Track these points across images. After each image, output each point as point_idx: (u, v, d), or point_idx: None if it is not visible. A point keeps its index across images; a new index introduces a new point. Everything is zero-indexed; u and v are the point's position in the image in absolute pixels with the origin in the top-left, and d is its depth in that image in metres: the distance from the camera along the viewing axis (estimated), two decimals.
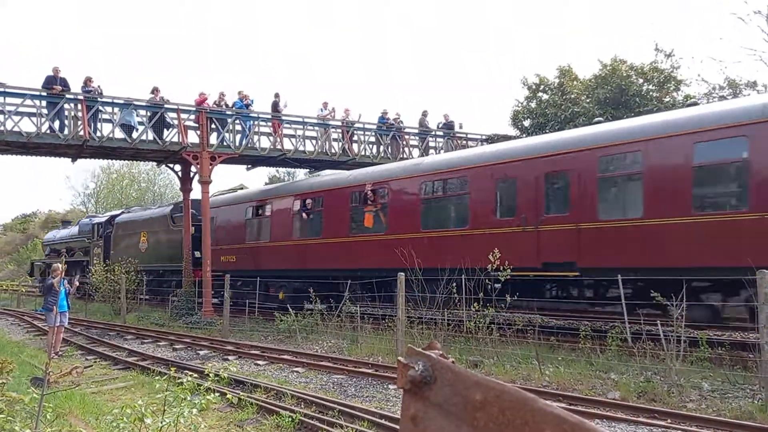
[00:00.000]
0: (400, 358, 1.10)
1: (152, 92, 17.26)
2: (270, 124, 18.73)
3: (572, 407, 7.09)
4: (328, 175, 18.31)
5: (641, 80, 23.90)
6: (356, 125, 20.03)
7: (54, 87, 15.40)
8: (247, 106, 18.35)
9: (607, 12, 75.92)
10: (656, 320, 9.16)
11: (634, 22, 64.04)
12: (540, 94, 26.71)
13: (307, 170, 27.40)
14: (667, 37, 63.82)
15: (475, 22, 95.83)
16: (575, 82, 25.70)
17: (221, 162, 17.63)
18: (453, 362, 1.06)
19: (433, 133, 21.92)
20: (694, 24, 52.25)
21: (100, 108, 16.18)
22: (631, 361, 8.75)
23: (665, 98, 23.30)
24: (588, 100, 24.14)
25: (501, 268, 9.80)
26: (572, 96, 24.78)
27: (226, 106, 18.16)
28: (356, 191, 15.47)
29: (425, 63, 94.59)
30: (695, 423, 6.37)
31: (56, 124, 15.46)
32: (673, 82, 24.03)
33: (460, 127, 22.62)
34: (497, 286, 10.59)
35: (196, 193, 19.74)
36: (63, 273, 10.94)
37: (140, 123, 16.60)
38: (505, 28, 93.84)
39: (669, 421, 6.45)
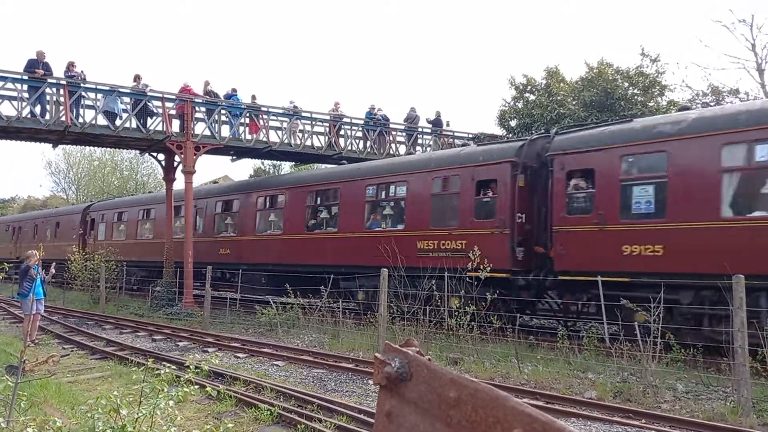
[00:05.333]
0: (377, 354, 1.10)
1: (134, 80, 17.02)
2: (253, 117, 18.59)
3: (549, 406, 7.17)
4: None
5: (627, 84, 24.15)
6: (343, 120, 19.98)
7: (36, 71, 15.11)
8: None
9: (598, 14, 76.52)
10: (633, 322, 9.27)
11: (623, 25, 64.64)
12: (527, 94, 26.87)
13: (293, 164, 27.29)
14: (654, 42, 64.53)
15: (470, 20, 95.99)
16: (562, 84, 25.90)
17: (206, 152, 17.45)
18: (429, 359, 1.07)
19: (420, 130, 21.95)
20: (680, 30, 52.91)
21: (83, 94, 15.92)
22: (608, 362, 8.86)
23: (650, 102, 23.59)
24: (574, 102, 24.35)
25: None
26: (559, 97, 24.97)
27: (214, 94, 17.99)
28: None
29: (419, 61, 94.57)
30: (669, 423, 6.48)
31: (37, 109, 15.18)
32: (657, 87, 24.33)
33: (447, 125, 22.69)
34: None
35: (179, 183, 19.59)
36: (39, 259, 10.74)
37: (124, 110, 16.37)
38: (501, 26, 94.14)
39: (643, 421, 6.55)
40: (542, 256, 11.74)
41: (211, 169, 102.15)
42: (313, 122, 19.52)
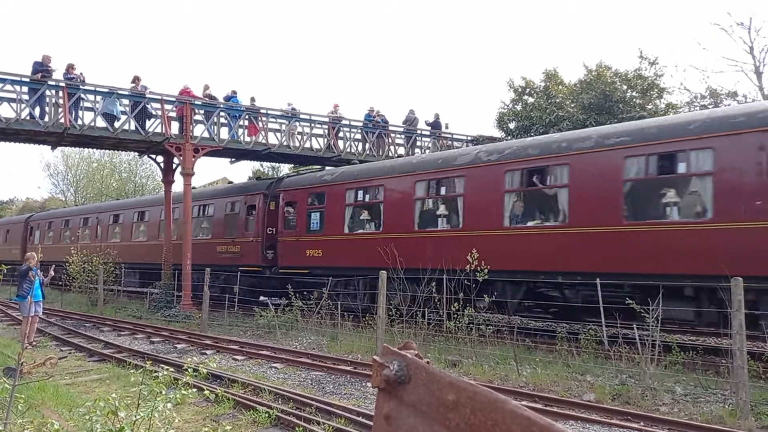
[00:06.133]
0: (375, 357, 1.10)
1: (133, 81, 17.01)
2: (252, 119, 18.60)
3: (547, 408, 7.16)
4: None
5: (625, 87, 24.18)
6: (342, 122, 20.00)
7: (35, 74, 15.11)
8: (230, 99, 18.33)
9: (596, 17, 76.72)
10: (632, 324, 9.29)
11: (621, 27, 64.78)
12: (526, 97, 26.90)
13: (291, 165, 27.29)
14: (652, 45, 64.69)
15: (469, 22, 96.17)
16: (560, 87, 25.92)
17: (204, 154, 17.45)
18: (428, 362, 1.07)
19: (419, 132, 21.97)
20: (678, 33, 53.08)
21: (82, 96, 15.91)
22: (606, 364, 8.86)
23: (648, 105, 23.62)
24: (573, 105, 24.37)
25: None
26: (557, 100, 24.99)
27: (212, 97, 18.01)
28: None
29: (418, 63, 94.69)
30: (667, 426, 6.47)
31: (37, 111, 15.16)
32: (656, 90, 24.36)
33: (446, 128, 22.70)
34: None
35: (177, 185, 19.59)
36: (38, 262, 10.71)
37: (123, 113, 16.36)
38: (500, 29, 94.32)
39: (642, 423, 6.54)
40: None
41: (210, 172, 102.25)
42: (312, 124, 19.54)
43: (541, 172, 11.54)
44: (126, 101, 16.45)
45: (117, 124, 16.09)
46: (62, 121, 15.19)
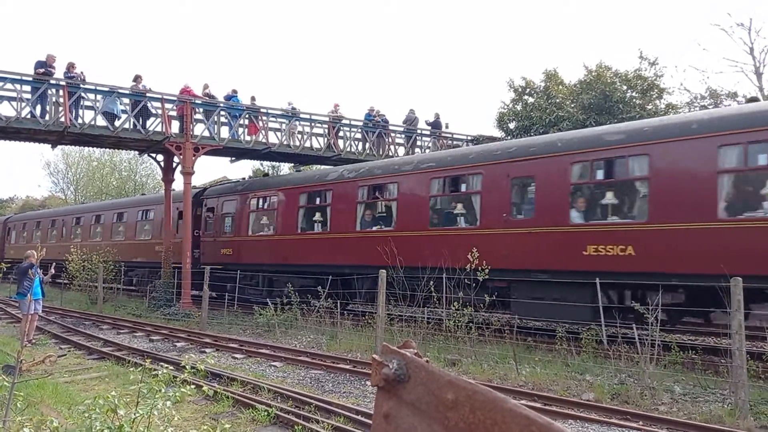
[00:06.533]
0: (374, 355, 1.10)
1: (134, 80, 17.00)
2: (252, 118, 18.60)
3: (547, 407, 7.17)
4: None
5: (625, 87, 24.16)
6: (342, 121, 19.99)
7: (37, 71, 15.10)
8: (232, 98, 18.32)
9: (596, 17, 76.70)
10: (632, 323, 9.30)
11: (621, 28, 64.76)
12: (526, 97, 26.87)
13: (292, 165, 27.27)
14: (652, 45, 64.70)
15: (469, 22, 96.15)
16: (560, 87, 25.89)
17: (205, 153, 17.45)
18: (427, 361, 1.07)
19: (419, 131, 21.96)
20: (679, 33, 53.08)
21: (83, 95, 15.90)
22: (606, 364, 8.87)
23: (648, 106, 23.59)
24: (573, 105, 24.34)
25: None
26: (557, 100, 24.96)
27: (211, 97, 18.00)
28: None
29: (418, 62, 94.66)
30: (666, 425, 6.48)
31: (37, 110, 15.15)
32: (656, 90, 24.34)
33: (447, 128, 22.69)
34: None
35: (177, 183, 19.59)
36: (38, 260, 10.71)
37: (123, 111, 16.35)
38: (500, 29, 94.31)
39: (641, 423, 6.55)
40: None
41: (210, 171, 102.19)
42: (313, 124, 19.53)
43: (381, 188, 14.58)
44: (126, 100, 16.44)
45: (117, 123, 16.08)
46: (63, 119, 15.17)
